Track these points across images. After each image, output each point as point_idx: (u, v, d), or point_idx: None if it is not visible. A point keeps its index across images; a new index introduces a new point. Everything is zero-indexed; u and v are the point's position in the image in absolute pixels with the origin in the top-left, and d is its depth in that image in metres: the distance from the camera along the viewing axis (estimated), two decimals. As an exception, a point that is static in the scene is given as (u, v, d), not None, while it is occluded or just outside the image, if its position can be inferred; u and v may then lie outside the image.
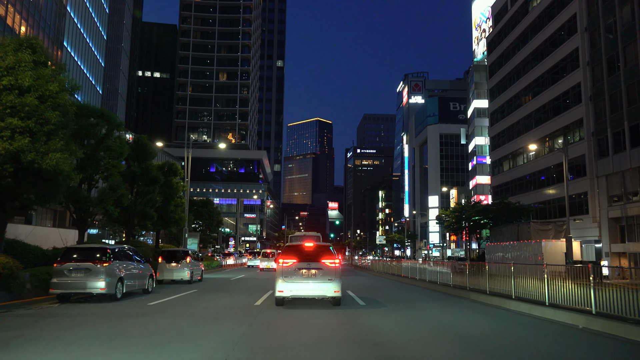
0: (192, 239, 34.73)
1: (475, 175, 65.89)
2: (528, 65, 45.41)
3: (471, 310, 12.24)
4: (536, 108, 43.46)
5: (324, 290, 11.44)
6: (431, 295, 16.20)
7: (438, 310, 12.08)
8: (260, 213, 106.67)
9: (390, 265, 33.22)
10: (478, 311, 12.00)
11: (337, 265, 11.52)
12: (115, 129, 18.78)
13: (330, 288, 11.40)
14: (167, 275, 19.84)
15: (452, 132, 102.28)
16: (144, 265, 15.34)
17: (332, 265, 11.45)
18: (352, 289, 18.42)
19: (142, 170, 22.74)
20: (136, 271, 14.07)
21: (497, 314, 11.51)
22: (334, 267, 11.47)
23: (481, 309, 12.39)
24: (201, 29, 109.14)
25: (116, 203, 18.86)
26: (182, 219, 27.96)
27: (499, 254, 36.55)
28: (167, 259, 19.97)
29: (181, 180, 30.84)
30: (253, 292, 16.48)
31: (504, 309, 12.32)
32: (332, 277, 11.41)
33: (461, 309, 12.37)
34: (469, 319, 10.61)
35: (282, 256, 11.65)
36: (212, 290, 17.04)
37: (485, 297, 13.82)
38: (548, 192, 41.51)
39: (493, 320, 10.50)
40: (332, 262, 11.48)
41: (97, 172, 18.42)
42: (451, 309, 12.37)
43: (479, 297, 14.25)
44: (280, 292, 11.42)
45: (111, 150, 18.17)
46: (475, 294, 14.64)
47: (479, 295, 14.36)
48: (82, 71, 55.80)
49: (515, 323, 10.19)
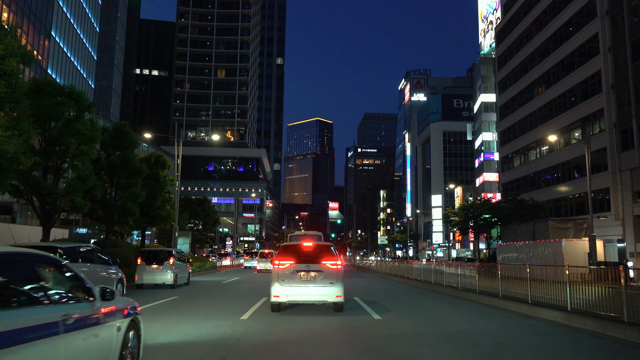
0: (183, 238, 32.20)
1: (483, 172, 63.35)
2: (541, 54, 42.88)
3: (511, 321, 9.78)
4: (550, 99, 40.93)
5: (325, 295, 10.40)
6: (460, 304, 13.67)
7: (492, 328, 9.55)
8: (260, 212, 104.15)
9: (396, 267, 30.75)
10: (522, 325, 9.52)
11: (339, 267, 10.55)
12: (86, 111, 16.29)
13: (332, 292, 10.38)
14: (147, 279, 17.33)
15: (456, 130, 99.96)
16: (113, 268, 12.87)
17: (334, 267, 10.48)
18: (359, 294, 15.93)
19: (122, 160, 20.23)
20: (98, 275, 11.52)
21: (555, 332, 9.01)
22: (336, 269, 10.49)
23: (530, 323, 9.90)
24: (199, 24, 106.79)
25: (87, 195, 16.35)
26: (170, 216, 25.40)
27: (512, 255, 34.24)
28: (147, 261, 17.47)
29: (171, 174, 28.33)
30: (244, 298, 13.98)
31: (561, 325, 9.79)
32: (334, 280, 10.41)
33: (504, 322, 9.90)
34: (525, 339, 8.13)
35: (279, 257, 10.64)
36: (195, 298, 14.53)
37: (528, 308, 11.31)
38: (563, 188, 39.02)
39: (555, 338, 8.03)
40: (334, 264, 10.50)
41: (63, 160, 15.91)
42: (499, 323, 9.88)
43: (518, 307, 11.75)
44: (276, 298, 10.41)
45: (81, 134, 15.67)
46: (511, 303, 12.14)
47: (517, 304, 11.85)
48: (71, 63, 53.34)
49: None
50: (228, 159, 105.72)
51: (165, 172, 26.29)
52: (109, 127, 21.04)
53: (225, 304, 12.77)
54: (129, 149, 20.85)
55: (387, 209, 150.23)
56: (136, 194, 21.17)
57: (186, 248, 32.11)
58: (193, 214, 58.55)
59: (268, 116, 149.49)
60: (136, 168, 20.72)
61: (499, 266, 14.45)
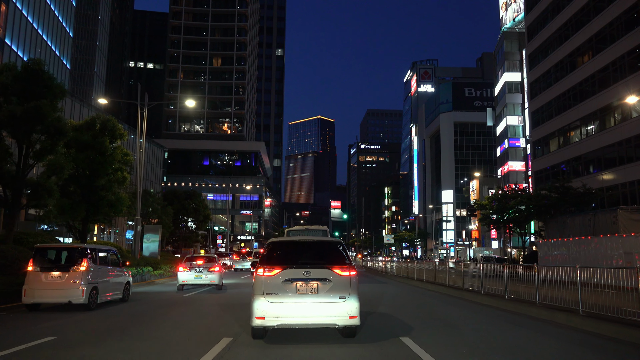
0: (152, 234, 25.27)
1: (507, 161, 56.30)
2: (588, 12, 35.93)
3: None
4: (601, 67, 33.97)
5: (333, 315, 6.88)
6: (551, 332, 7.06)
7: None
8: (258, 210, 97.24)
9: (419, 269, 23.93)
10: None
11: (352, 274, 7.10)
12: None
13: (343, 311, 6.88)
14: (42, 296, 10.36)
15: (468, 120, 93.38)
16: None
17: (346, 274, 7.05)
18: (404, 316, 9.01)
19: (30, 113, 13.33)
20: None
21: None
22: (348, 276, 7.06)
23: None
24: (194, 10, 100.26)
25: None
26: (120, 201, 18.44)
27: (562, 253, 27.54)
28: (43, 265, 10.52)
29: (127, 149, 21.47)
30: (201, 335, 7.18)
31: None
32: (346, 292, 6.97)
33: None
34: None
35: (265, 260, 7.22)
36: (104, 336, 7.66)
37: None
38: (617, 174, 32.11)
39: None
40: (345, 269, 7.06)
41: None
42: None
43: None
44: (260, 320, 6.86)
45: None
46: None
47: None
48: (40, 37, 46.47)
49: None
50: (224, 153, 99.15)
51: (118, 143, 19.41)
52: (15, 65, 14.15)
53: (160, 346, 5.97)
54: (45, 97, 13.97)
55: (392, 207, 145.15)
56: (57, 163, 14.31)
57: (155, 247, 25.21)
58: (180, 209, 51.90)
59: (267, 110, 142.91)
60: (54, 126, 13.85)
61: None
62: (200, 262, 17.33)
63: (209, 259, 17.94)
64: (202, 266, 17.08)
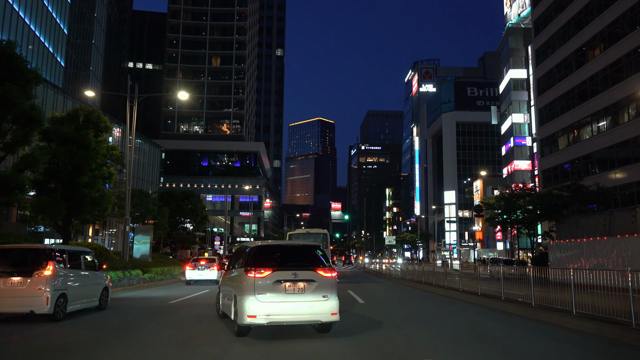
0: (142, 235, 23.84)
1: (512, 160, 54.82)
2: (598, 6, 34.57)
3: None
4: (613, 60, 32.57)
5: (318, 312, 7.61)
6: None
7: None
8: (258, 211, 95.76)
9: (429, 272, 22.46)
10: None
11: (333, 275, 7.91)
12: None
13: (327, 309, 7.65)
14: (0, 303, 8.98)
15: (471, 120, 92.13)
16: None
17: (328, 275, 7.82)
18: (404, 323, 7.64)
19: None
20: None
21: None
22: (330, 277, 7.85)
23: None
24: (192, 9, 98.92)
25: None
26: (104, 198, 17.00)
27: (574, 254, 26.17)
28: (0, 270, 9.09)
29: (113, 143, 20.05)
30: (183, 354, 5.77)
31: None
32: (328, 292, 7.74)
33: None
34: None
35: (254, 262, 7.70)
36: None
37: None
38: (632, 172, 30.71)
39: None
40: (327, 271, 7.85)
41: None
42: None
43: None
44: (251, 318, 7.37)
45: None
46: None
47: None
48: (31, 31, 45.09)
49: None
50: (224, 153, 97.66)
51: (104, 136, 17.99)
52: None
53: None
54: (16, 82, 12.57)
55: (394, 208, 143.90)
56: (32, 157, 12.90)
57: (146, 248, 23.78)
58: (176, 210, 50.43)
59: (267, 110, 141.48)
60: (27, 115, 12.45)
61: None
62: (202, 262, 22.18)
63: (210, 260, 22.72)
64: (204, 265, 21.84)
